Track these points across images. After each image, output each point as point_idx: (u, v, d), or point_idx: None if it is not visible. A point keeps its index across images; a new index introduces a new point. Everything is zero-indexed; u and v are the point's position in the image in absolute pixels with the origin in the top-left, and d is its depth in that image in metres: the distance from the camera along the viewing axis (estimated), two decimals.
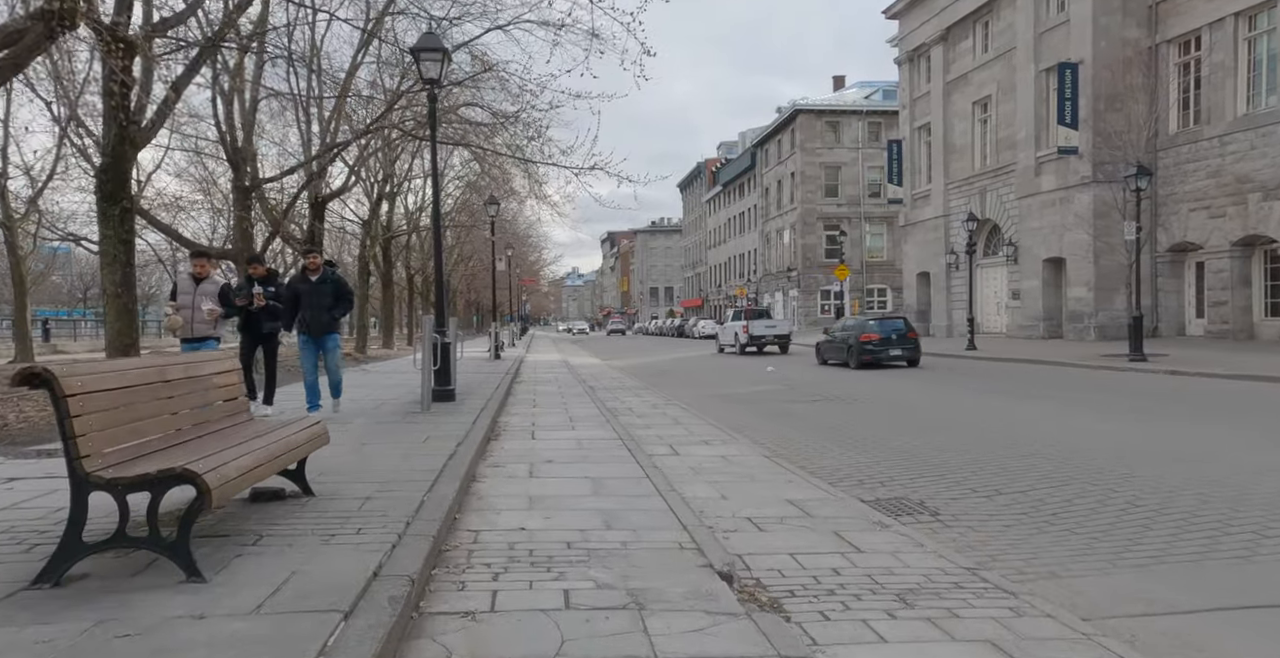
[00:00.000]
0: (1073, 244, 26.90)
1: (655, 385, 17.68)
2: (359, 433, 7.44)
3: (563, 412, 10.95)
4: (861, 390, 15.08)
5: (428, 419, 8.54)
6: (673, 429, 9.98)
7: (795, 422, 11.25)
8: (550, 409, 11.36)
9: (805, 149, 55.99)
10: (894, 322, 21.64)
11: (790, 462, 7.99)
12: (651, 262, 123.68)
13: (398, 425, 8.03)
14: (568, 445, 7.87)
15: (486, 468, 6.49)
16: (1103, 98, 25.95)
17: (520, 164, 15.36)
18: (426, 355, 9.00)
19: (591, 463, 6.86)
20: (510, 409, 11.12)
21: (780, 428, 10.71)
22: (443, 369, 10.15)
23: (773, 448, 8.97)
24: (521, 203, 34.58)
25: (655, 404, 13.14)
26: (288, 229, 17.29)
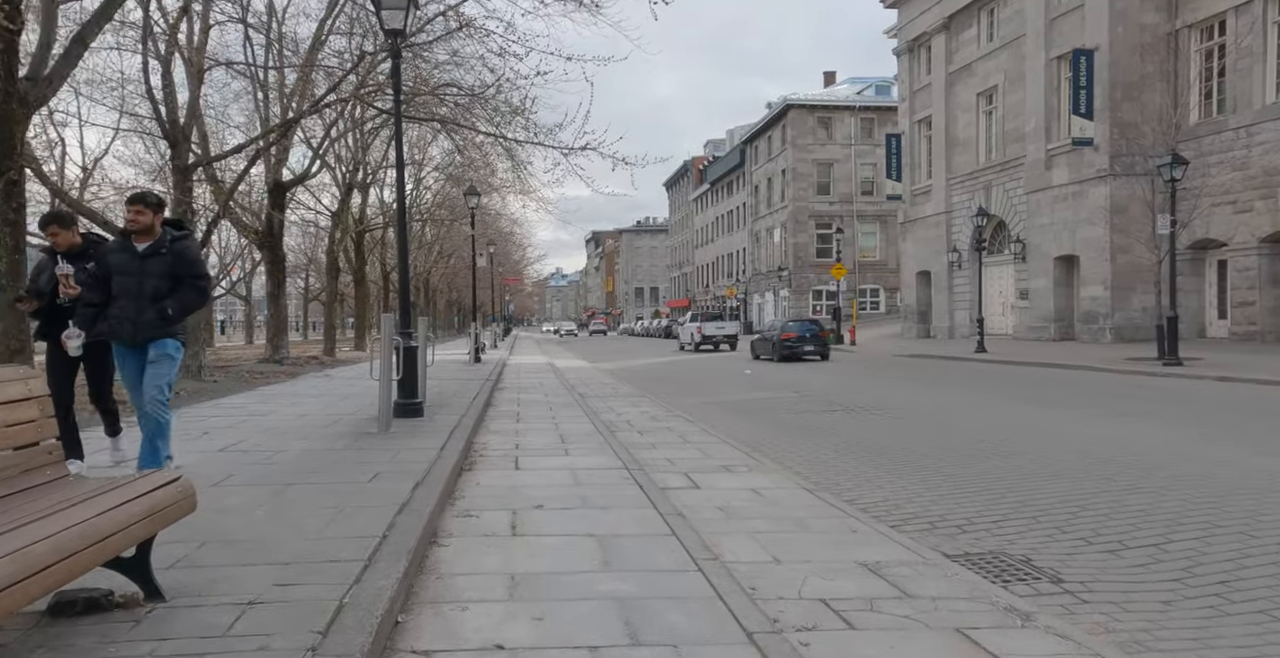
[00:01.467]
0: (1087, 241, 25.51)
1: (650, 392, 16.09)
2: (289, 468, 5.71)
3: (552, 428, 9.28)
4: (880, 399, 13.50)
5: (384, 443, 6.84)
6: (683, 450, 8.35)
7: (819, 438, 9.66)
8: (537, 424, 9.68)
9: (797, 145, 54.56)
10: (809, 324, 26.70)
11: (837, 497, 6.41)
12: (637, 262, 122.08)
13: (344, 454, 6.32)
14: (561, 479, 6.21)
15: (454, 520, 4.81)
16: (1120, 86, 24.58)
17: (502, 145, 13.68)
18: (385, 363, 7.30)
19: (595, 509, 5.20)
20: (490, 425, 9.44)
21: (805, 446, 9.13)
22: (407, 378, 8.46)
23: (807, 475, 7.39)
24: (504, 199, 32.96)
25: (655, 416, 11.53)
26: (238, 216, 15.51)
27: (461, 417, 9.00)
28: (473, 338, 20.85)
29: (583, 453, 7.48)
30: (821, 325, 26.38)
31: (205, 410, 9.24)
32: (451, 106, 12.76)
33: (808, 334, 25.05)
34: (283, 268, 16.02)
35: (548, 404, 12.25)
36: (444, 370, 18.26)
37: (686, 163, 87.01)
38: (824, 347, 25.20)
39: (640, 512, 5.14)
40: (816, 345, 24.91)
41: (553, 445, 7.91)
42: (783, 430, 10.43)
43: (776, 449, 9.00)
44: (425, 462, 5.94)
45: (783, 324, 26.62)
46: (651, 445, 8.70)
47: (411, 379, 8.47)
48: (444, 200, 33.58)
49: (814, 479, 7.21)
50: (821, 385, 16.66)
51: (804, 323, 26.66)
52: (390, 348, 7.32)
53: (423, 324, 9.91)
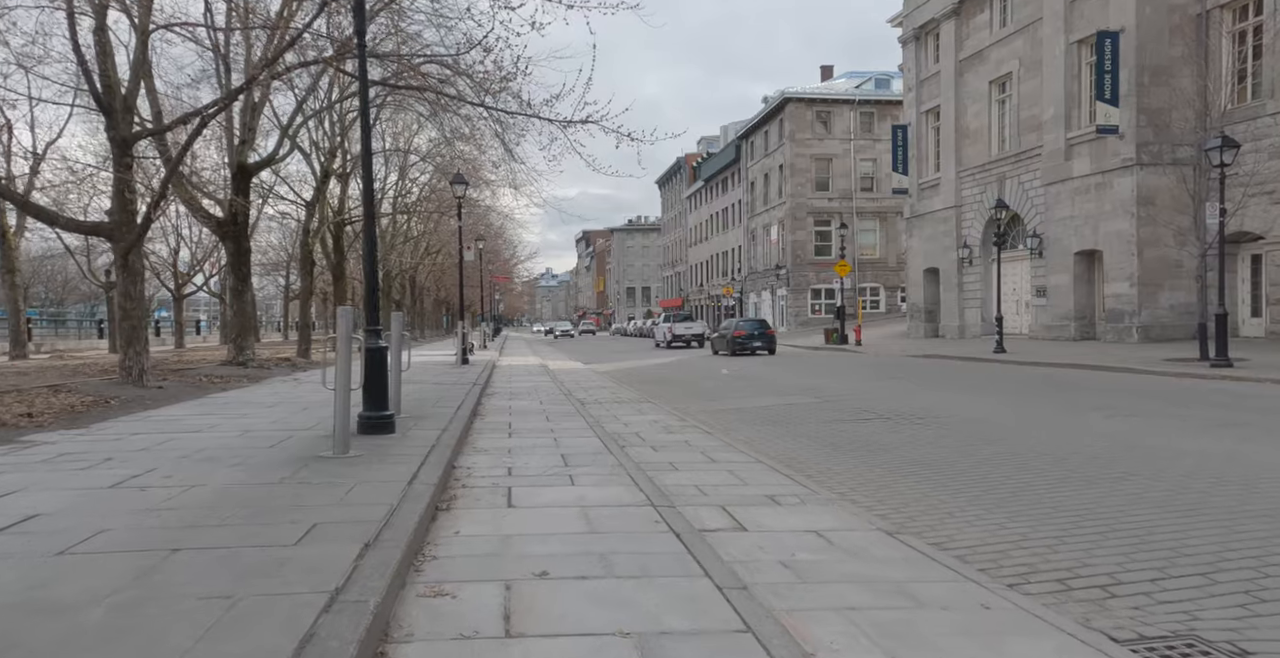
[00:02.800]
0: (1111, 235, 24.12)
1: (653, 397, 14.60)
2: (191, 516, 3.99)
3: (551, 444, 7.73)
4: (913, 405, 11.99)
5: (337, 473, 5.27)
6: (711, 473, 6.86)
7: (865, 454, 8.18)
8: (533, 438, 8.13)
9: (795, 140, 53.12)
10: (757, 323, 31.28)
11: (925, 541, 4.94)
12: (628, 261, 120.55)
13: (278, 491, 4.73)
14: (569, 522, 4.65)
15: (417, 603, 3.25)
16: (1147, 70, 23.20)
17: (493, 126, 12.13)
18: (341, 368, 5.74)
19: (623, 578, 3.64)
20: (477, 441, 7.87)
21: (851, 464, 7.68)
22: (374, 387, 6.90)
23: (871, 506, 5.97)
24: (495, 192, 31.38)
25: (668, 427, 10.02)
26: (196, 201, 13.86)
27: (442, 431, 7.43)
28: (460, 338, 19.26)
29: (592, 480, 5.93)
30: (767, 325, 31.48)
31: (128, 425, 7.64)
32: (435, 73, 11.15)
33: (756, 332, 29.72)
34: (247, 261, 14.41)
35: (544, 413, 10.70)
36: (427, 373, 16.67)
37: (680, 160, 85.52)
38: (770, 342, 29.75)
39: (688, 584, 3.60)
40: (763, 341, 29.43)
41: (554, 469, 6.36)
42: (818, 445, 8.93)
43: (820, 469, 7.51)
44: (387, 502, 4.37)
45: (735, 324, 31.24)
46: (671, 466, 7.18)
47: (379, 388, 6.91)
48: (431, 193, 31.96)
49: (884, 514, 5.73)
50: (839, 389, 15.17)
51: (753, 323, 31.53)
52: (348, 350, 5.76)
53: (397, 321, 8.34)
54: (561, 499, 5.24)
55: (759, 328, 29.95)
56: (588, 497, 5.36)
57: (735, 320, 32.50)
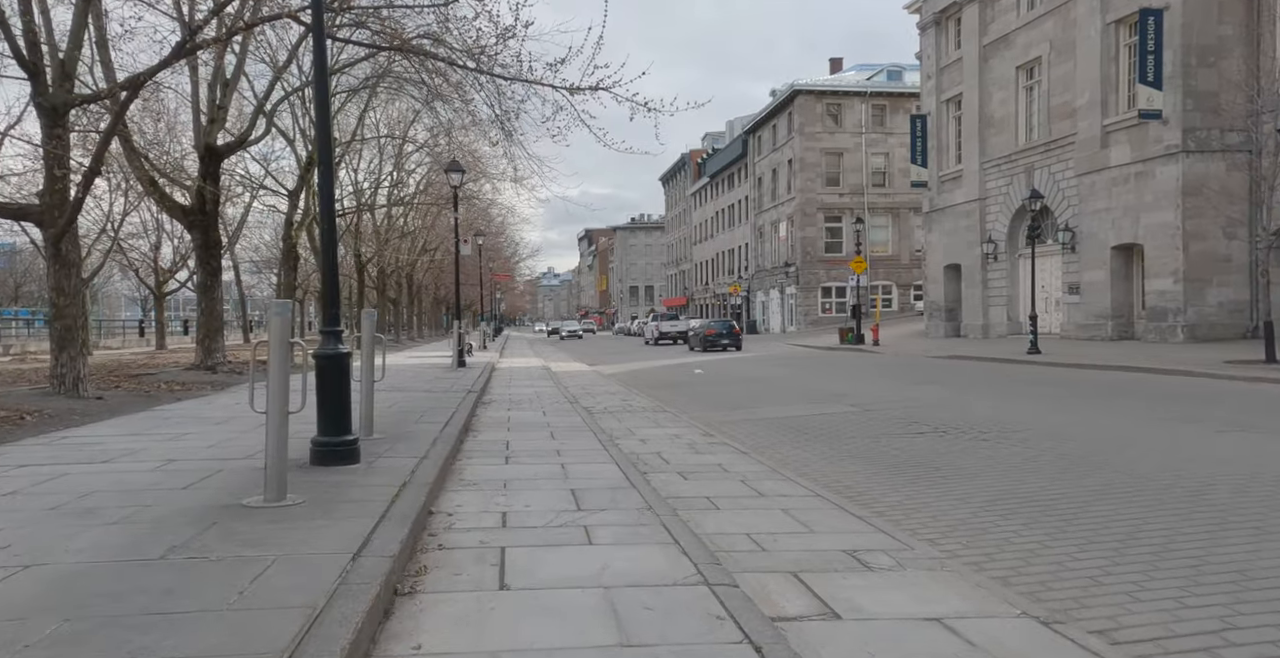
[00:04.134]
0: (1153, 227, 22.54)
1: (669, 404, 13.10)
2: None
3: (558, 475, 6.17)
4: (966, 415, 10.41)
5: (253, 539, 3.65)
6: (764, 514, 5.37)
7: (940, 483, 6.69)
8: (535, 465, 6.58)
9: (805, 133, 51.52)
10: (725, 323, 36.14)
11: (1110, 641, 3.39)
12: (631, 260, 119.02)
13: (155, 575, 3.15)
14: (590, 628, 3.07)
15: None
16: (1194, 51, 21.61)
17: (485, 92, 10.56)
18: (275, 385, 4.20)
19: None
20: (464, 470, 6.31)
21: (932, 498, 6.18)
22: (332, 404, 5.35)
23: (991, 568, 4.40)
24: (496, 186, 29.86)
25: (693, 444, 8.53)
26: (159, 186, 12.31)
27: (421, 458, 5.88)
28: (455, 338, 17.72)
29: (615, 534, 4.37)
30: (734, 325, 35.40)
31: (23, 452, 6.06)
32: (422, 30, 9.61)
33: (724, 330, 33.89)
34: (218, 253, 12.92)
35: (548, 427, 9.15)
36: (418, 378, 15.14)
37: (684, 156, 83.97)
38: (736, 340, 33.64)
39: None
40: (730, 339, 33.34)
41: (563, 514, 4.80)
42: (876, 467, 7.42)
43: (892, 504, 6.00)
44: (309, 599, 2.83)
45: (707, 324, 36.18)
46: (710, 503, 5.66)
47: (338, 405, 5.36)
48: (428, 186, 30.45)
49: (1015, 583, 4.19)
50: (872, 395, 13.62)
51: (722, 323, 36.20)
52: (283, 359, 4.21)
53: (368, 321, 6.79)
54: (577, 573, 3.68)
55: (727, 327, 34.21)
56: (612, 565, 3.80)
57: (707, 321, 38.28)
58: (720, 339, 32.99)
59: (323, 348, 5.40)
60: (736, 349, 32.59)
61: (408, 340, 39.60)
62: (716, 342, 32.84)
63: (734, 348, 32.77)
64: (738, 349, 32.65)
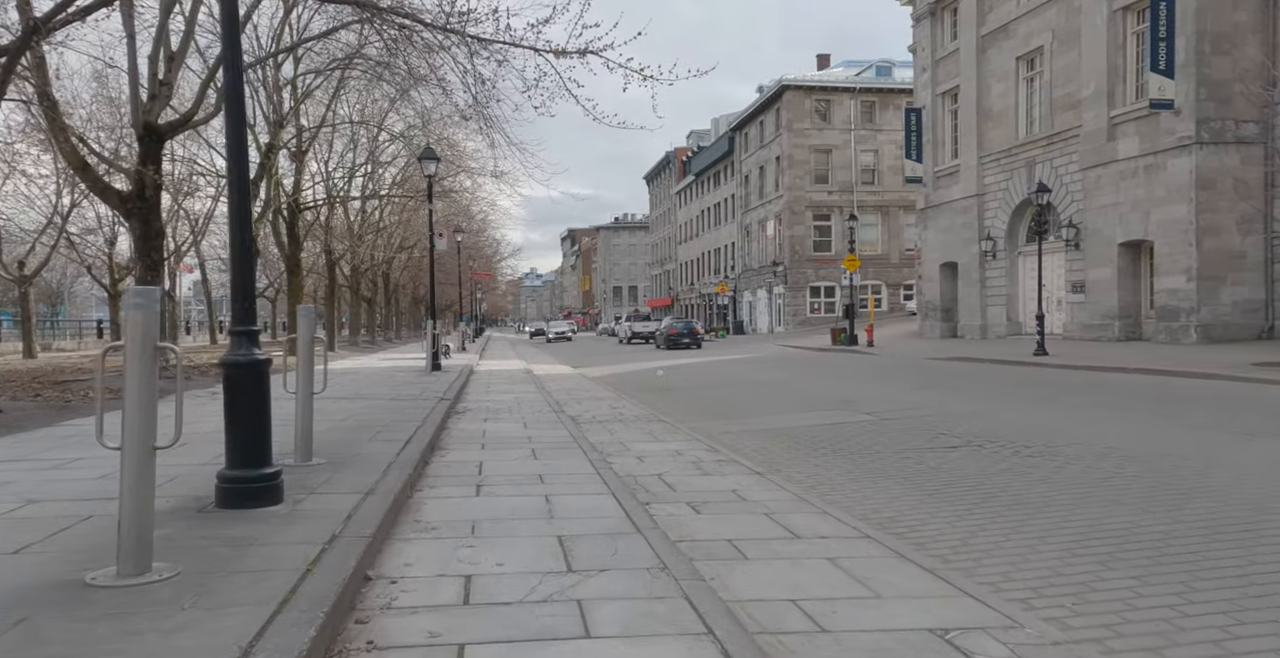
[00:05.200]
0: (1165, 223, 21.56)
1: (662, 410, 11.93)
2: None
3: (541, 514, 4.90)
4: (999, 424, 9.24)
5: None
6: (809, 567, 4.16)
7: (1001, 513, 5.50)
8: (513, 498, 5.31)
9: (793, 130, 50.47)
10: (687, 323, 39.65)
11: None
12: (614, 260, 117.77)
13: None
14: None
15: None
16: (1208, 38, 20.65)
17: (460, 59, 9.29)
18: (132, 413, 2.92)
19: None
20: (422, 508, 5.03)
21: (1011, 541, 4.97)
22: (244, 427, 4.07)
23: None
24: (475, 181, 28.56)
25: (699, 462, 7.34)
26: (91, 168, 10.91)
27: (366, 494, 4.61)
28: (429, 340, 16.40)
29: (622, 620, 3.11)
30: (694, 326, 38.79)
31: None
32: None
33: (685, 330, 37.18)
34: (159, 245, 11.55)
35: (529, 443, 7.89)
36: (385, 384, 13.82)
37: (669, 154, 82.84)
38: (696, 339, 36.90)
39: None
40: (690, 338, 36.50)
41: (548, 583, 3.54)
42: (921, 493, 6.26)
43: (967, 551, 4.81)
44: None
45: (670, 324, 39.49)
46: (736, 551, 4.45)
47: (253, 430, 4.08)
48: (404, 180, 29.07)
49: None
50: (881, 400, 12.45)
51: (684, 323, 39.59)
52: (149, 373, 2.93)
53: (304, 319, 5.48)
54: None
55: (688, 328, 37.71)
56: None
57: (670, 321, 41.44)
58: (682, 338, 36.39)
59: (233, 353, 4.12)
60: (697, 347, 35.77)
61: (384, 342, 38.12)
62: (679, 341, 36.30)
63: (695, 346, 35.86)
64: (698, 347, 35.86)
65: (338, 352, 24.70)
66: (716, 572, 4.01)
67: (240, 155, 4.33)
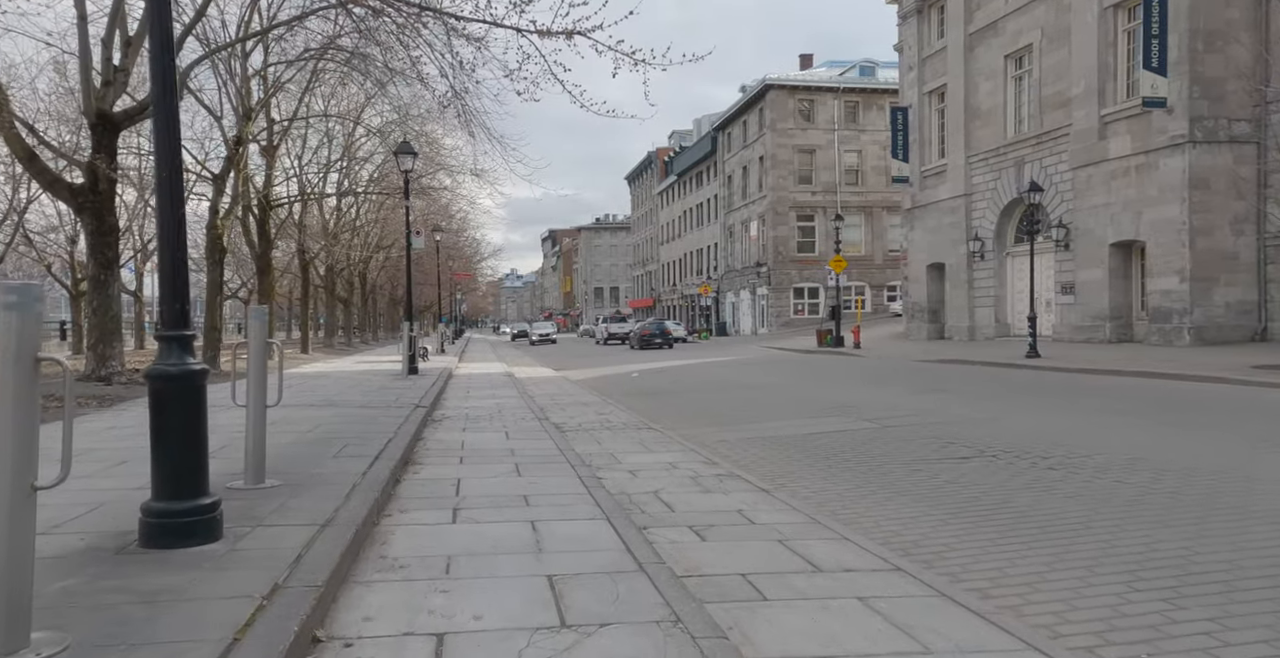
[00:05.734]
0: (1158, 223, 21.25)
1: (651, 416, 11.37)
2: None
3: (527, 546, 4.27)
4: (1010, 432, 8.69)
5: None
6: (841, 616, 3.58)
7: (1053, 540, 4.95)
8: (494, 525, 4.68)
9: (776, 129, 50.07)
10: (659, 323, 41.39)
11: None
12: (596, 260, 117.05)
13: None
14: None
15: None
16: (1200, 35, 20.36)
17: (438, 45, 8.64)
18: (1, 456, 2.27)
19: None
20: (389, 537, 4.39)
21: (1057, 571, 4.43)
22: (175, 451, 3.42)
23: None
24: (455, 178, 27.84)
25: (698, 477, 6.78)
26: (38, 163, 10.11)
27: (322, 527, 3.97)
28: (406, 342, 15.69)
29: None
30: (666, 326, 40.85)
31: None
32: None
33: (657, 331, 39.00)
34: (114, 242, 10.81)
35: (512, 456, 7.26)
36: (357, 389, 13.12)
37: (650, 154, 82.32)
38: (669, 339, 38.82)
39: None
40: (663, 338, 38.40)
41: (538, 644, 2.92)
42: (943, 512, 5.74)
43: (1010, 584, 4.24)
44: None
45: (643, 325, 42.16)
46: (755, 591, 3.85)
47: (185, 453, 3.43)
48: (382, 178, 28.27)
49: None
50: (879, 406, 11.92)
51: (656, 324, 41.40)
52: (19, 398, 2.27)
53: (256, 323, 4.83)
54: None
55: (660, 329, 39.47)
56: None
57: (645, 322, 43.95)
58: (654, 338, 38.34)
59: (161, 362, 3.47)
60: (669, 347, 37.69)
61: (360, 344, 37.23)
62: (651, 341, 38.24)
63: (666, 346, 37.74)
64: (669, 347, 37.79)
65: (311, 354, 23.89)
66: (735, 619, 3.41)
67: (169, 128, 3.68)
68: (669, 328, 40.72)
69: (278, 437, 7.10)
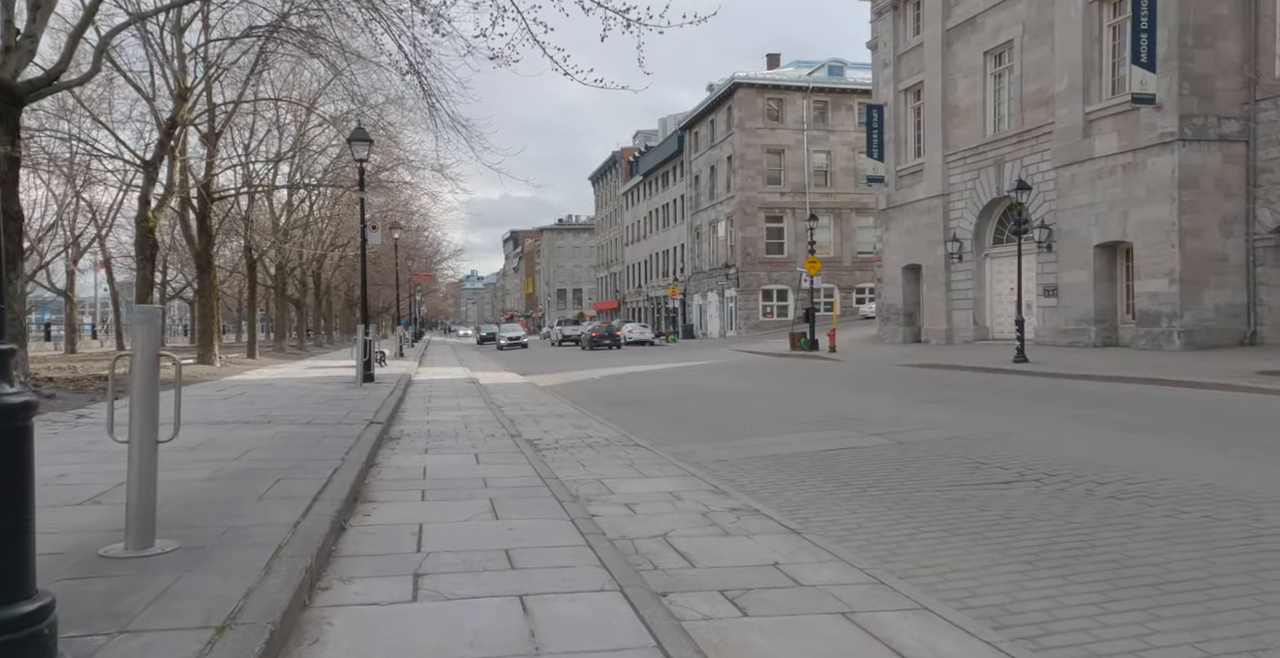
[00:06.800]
0: (1145, 224, 20.63)
1: (633, 429, 10.30)
2: None
3: (516, 635, 3.09)
4: (1045, 450, 7.68)
5: None
6: None
7: (1181, 605, 3.79)
8: (467, 603, 3.48)
9: (745, 129, 49.24)
10: (607, 328, 43.60)
11: None
12: (559, 262, 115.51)
13: None
14: None
15: None
16: (1190, 30, 19.77)
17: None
18: None
19: None
20: (324, 625, 3.18)
21: None
22: None
23: None
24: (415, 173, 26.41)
25: (707, 511, 5.71)
26: None
27: (219, 631, 2.75)
28: (360, 346, 14.31)
29: None
30: (615, 329, 43.77)
31: None
32: None
33: (606, 334, 42.16)
34: (16, 232, 9.36)
35: (485, 488, 6.04)
36: (304, 401, 11.75)
37: (615, 154, 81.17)
38: (616, 341, 41.92)
39: None
40: (611, 340, 41.65)
41: None
42: (1013, 559, 4.73)
43: None
44: None
45: (593, 327, 44.85)
46: None
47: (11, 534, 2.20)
48: (338, 170, 26.72)
49: None
50: (881, 417, 10.87)
51: (605, 328, 43.81)
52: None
53: (144, 328, 3.57)
54: None
55: (608, 332, 42.73)
56: None
57: (594, 325, 47.39)
58: (603, 340, 41.50)
59: None
60: (616, 348, 40.80)
61: (314, 347, 35.44)
62: (600, 342, 41.39)
63: (615, 347, 40.91)
64: (617, 348, 40.95)
65: (259, 359, 22.32)
66: None
67: None
68: (616, 330, 43.68)
69: (192, 470, 5.80)
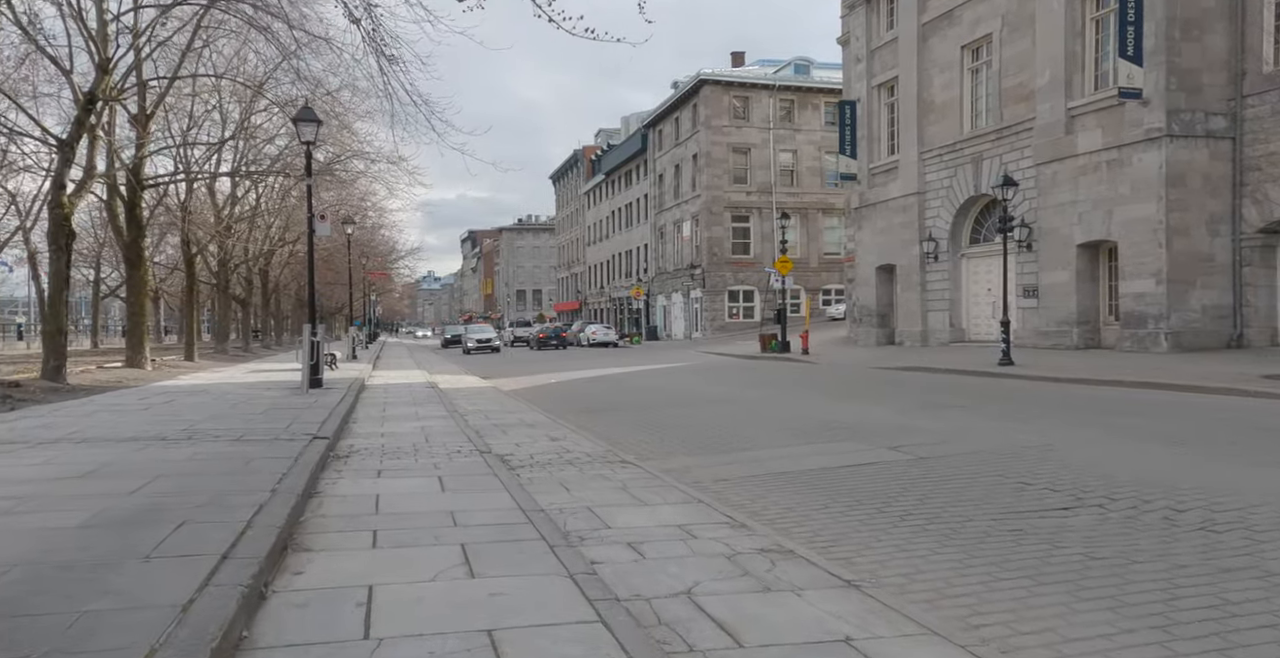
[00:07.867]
0: (1130, 222, 20.05)
1: (618, 443, 9.22)
2: None
3: None
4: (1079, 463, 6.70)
5: None
6: None
7: None
8: None
9: (711, 127, 48.34)
10: (555, 329, 47.22)
11: None
12: (518, 262, 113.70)
13: None
14: None
15: None
16: (1177, 23, 19.22)
17: None
18: None
19: None
20: None
21: None
22: None
23: None
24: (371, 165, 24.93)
25: (730, 551, 4.56)
26: None
27: None
28: (307, 348, 12.94)
29: None
30: (562, 331, 46.36)
31: None
32: None
33: (553, 335, 44.82)
34: None
35: (453, 526, 4.84)
36: (238, 410, 10.38)
37: (577, 152, 79.85)
38: (563, 342, 44.35)
39: None
40: (558, 341, 44.18)
41: None
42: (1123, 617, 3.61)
43: None
44: None
45: (542, 328, 48.67)
46: None
47: None
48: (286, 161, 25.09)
49: None
50: (883, 425, 9.84)
51: (552, 329, 46.60)
52: None
53: None
54: None
55: (555, 333, 45.15)
56: None
57: (543, 326, 51.91)
58: (550, 341, 44.11)
59: None
60: (563, 348, 43.23)
61: (261, 348, 33.60)
62: (548, 343, 44.02)
63: (561, 347, 43.37)
64: (563, 348, 43.36)
65: (198, 361, 20.69)
66: None
67: None
68: (564, 332, 46.13)
69: (66, 510, 4.50)
